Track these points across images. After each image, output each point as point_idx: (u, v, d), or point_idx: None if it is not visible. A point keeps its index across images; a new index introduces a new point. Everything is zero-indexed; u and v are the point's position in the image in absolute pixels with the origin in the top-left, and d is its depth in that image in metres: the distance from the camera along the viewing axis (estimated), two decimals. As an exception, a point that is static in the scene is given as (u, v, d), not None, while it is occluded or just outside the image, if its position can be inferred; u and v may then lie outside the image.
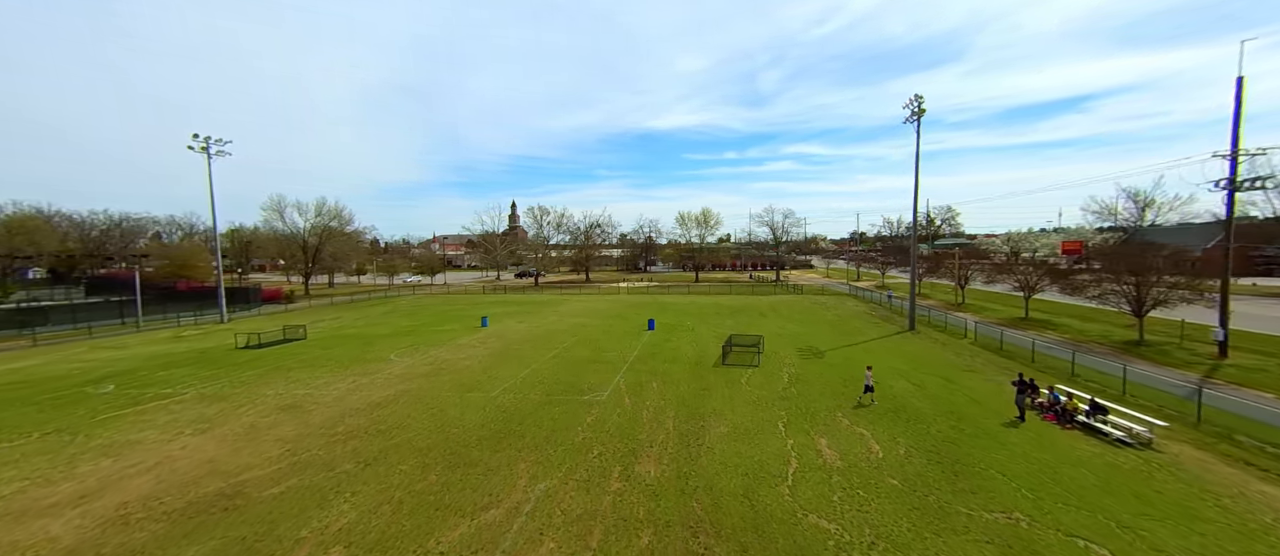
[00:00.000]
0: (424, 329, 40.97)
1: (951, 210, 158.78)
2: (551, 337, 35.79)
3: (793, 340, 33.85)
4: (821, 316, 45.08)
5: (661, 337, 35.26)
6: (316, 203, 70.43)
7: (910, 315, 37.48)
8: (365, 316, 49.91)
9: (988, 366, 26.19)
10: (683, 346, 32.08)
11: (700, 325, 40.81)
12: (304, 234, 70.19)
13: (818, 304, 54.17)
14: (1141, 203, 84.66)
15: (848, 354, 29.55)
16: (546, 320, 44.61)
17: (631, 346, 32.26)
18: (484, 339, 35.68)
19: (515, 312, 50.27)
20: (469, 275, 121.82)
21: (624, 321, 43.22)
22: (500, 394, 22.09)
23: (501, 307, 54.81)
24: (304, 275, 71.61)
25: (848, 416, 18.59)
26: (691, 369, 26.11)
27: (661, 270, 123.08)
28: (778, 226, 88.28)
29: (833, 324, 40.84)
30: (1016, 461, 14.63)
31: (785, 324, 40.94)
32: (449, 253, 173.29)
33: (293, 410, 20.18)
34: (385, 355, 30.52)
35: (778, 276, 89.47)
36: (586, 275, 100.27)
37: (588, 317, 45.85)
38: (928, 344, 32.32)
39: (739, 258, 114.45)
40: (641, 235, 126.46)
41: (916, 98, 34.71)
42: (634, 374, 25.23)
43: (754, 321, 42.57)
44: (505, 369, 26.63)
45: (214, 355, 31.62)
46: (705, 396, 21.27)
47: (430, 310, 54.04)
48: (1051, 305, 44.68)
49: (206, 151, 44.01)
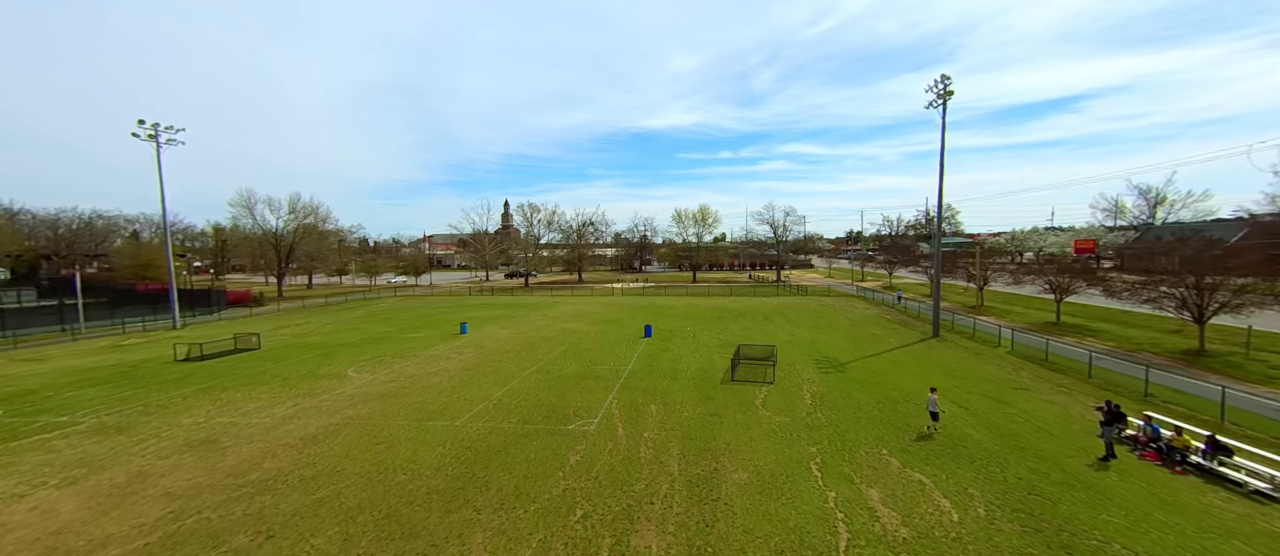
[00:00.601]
0: (395, 336, 36.96)
1: (951, 209, 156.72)
2: (536, 347, 31.93)
3: (806, 349, 30.22)
4: (833, 321, 41.51)
5: (660, 346, 31.52)
6: (290, 198, 66.21)
7: (934, 320, 33.97)
8: (336, 321, 45.79)
9: (1038, 382, 22.64)
10: (684, 357, 28.36)
11: (701, 331, 37.11)
12: (276, 232, 65.75)
13: (826, 306, 50.64)
14: (1153, 199, 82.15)
15: (871, 366, 25.93)
16: (533, 325, 40.73)
17: (626, 357, 28.50)
18: (460, 349, 31.76)
19: (500, 316, 46.34)
20: (458, 275, 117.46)
21: (618, 327, 39.43)
22: (467, 422, 18.23)
23: (486, 311, 50.86)
24: (277, 276, 67.12)
25: (896, 453, 14.93)
26: (696, 386, 22.38)
27: (657, 270, 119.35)
28: (778, 224, 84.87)
29: (846, 330, 37.27)
30: (1140, 529, 11.00)
31: (795, 330, 37.32)
32: (439, 252, 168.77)
33: (204, 448, 16.22)
34: (342, 370, 26.54)
35: (778, 276, 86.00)
36: (579, 275, 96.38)
37: (578, 322, 42.02)
38: (959, 354, 28.79)
39: (738, 257, 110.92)
40: (636, 234, 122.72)
41: (942, 79, 31.15)
42: (629, 393, 21.46)
43: (760, 327, 38.93)
44: (478, 388, 22.75)
45: (144, 369, 27.50)
46: (716, 424, 17.54)
47: (408, 314, 49.97)
48: (1079, 308, 41.36)
49: (155, 139, 39.72)
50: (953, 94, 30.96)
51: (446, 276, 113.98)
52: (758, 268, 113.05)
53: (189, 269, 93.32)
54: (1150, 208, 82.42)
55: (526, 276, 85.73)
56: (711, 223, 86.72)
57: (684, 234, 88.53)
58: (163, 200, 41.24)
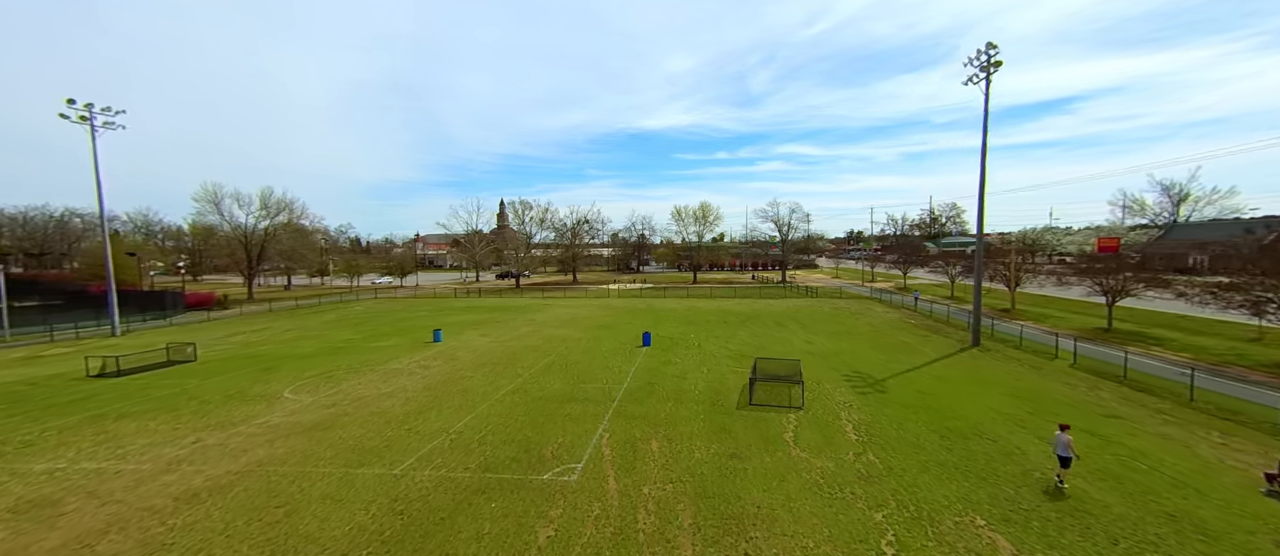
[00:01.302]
0: (358, 345, 32.46)
1: (956, 208, 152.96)
2: (517, 359, 27.51)
3: (831, 361, 25.91)
4: (852, 326, 37.21)
5: (661, 357, 27.15)
6: (261, 193, 61.41)
7: (975, 327, 29.69)
8: (299, 327, 41.22)
9: (1130, 407, 18.36)
10: (690, 372, 23.99)
11: (707, 339, 32.75)
12: (246, 229, 60.99)
13: (841, 309, 46.36)
14: (1176, 196, 78.33)
15: (915, 384, 21.62)
16: (517, 332, 36.28)
17: (621, 372, 24.11)
18: (428, 361, 27.30)
19: (482, 322, 41.87)
20: (448, 276, 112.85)
21: (612, 334, 35.02)
22: (410, 469, 13.82)
23: (467, 315, 46.38)
24: (246, 276, 62.37)
25: (997, 524, 10.61)
26: (707, 412, 18.03)
27: (655, 270, 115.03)
28: (783, 222, 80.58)
29: (871, 337, 32.97)
30: None
31: (813, 337, 33.00)
32: (431, 252, 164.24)
33: (31, 513, 11.77)
34: (278, 390, 22.04)
35: (783, 277, 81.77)
36: (573, 276, 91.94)
37: (569, 328, 37.60)
38: (1013, 368, 24.51)
39: (740, 257, 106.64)
40: (634, 233, 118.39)
41: (987, 48, 26.90)
42: (624, 422, 17.09)
43: (772, 333, 34.60)
44: (437, 415, 18.33)
45: (42, 389, 22.94)
46: (738, 473, 13.20)
47: (381, 319, 45.43)
48: (1125, 312, 37.19)
49: (89, 122, 35.11)
50: (1000, 64, 26.70)
51: (435, 277, 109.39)
52: (761, 268, 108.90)
53: (172, 269, 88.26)
54: (1173, 205, 78.63)
55: (517, 277, 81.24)
56: (712, 220, 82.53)
57: (684, 232, 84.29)
58: (98, 189, 36.60)
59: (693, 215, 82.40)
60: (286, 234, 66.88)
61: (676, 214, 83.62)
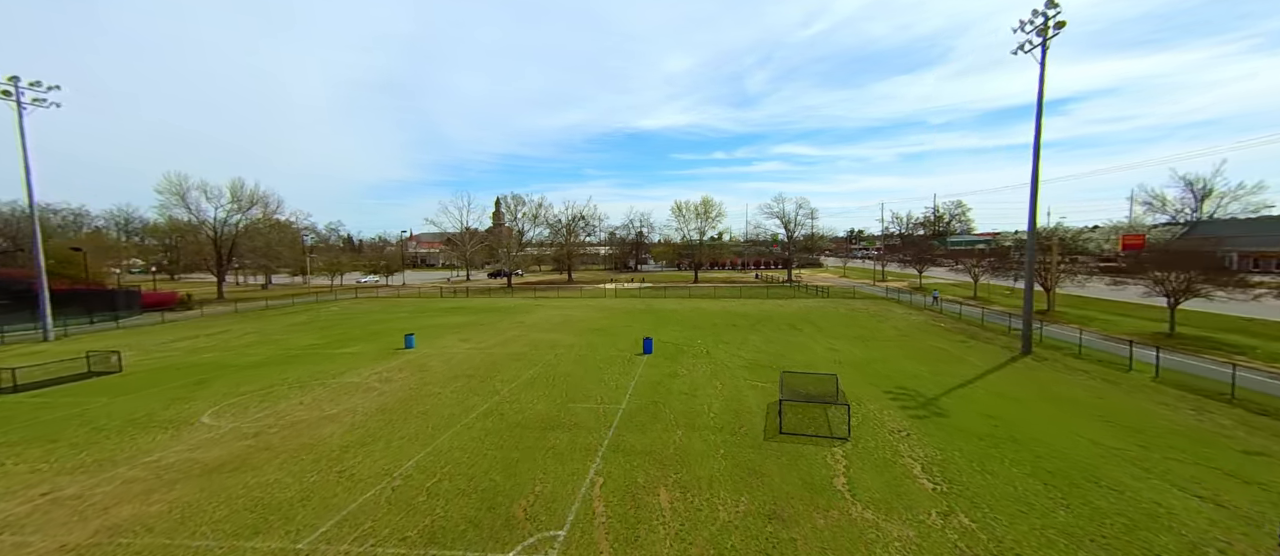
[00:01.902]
0: (317, 353, 28.40)
1: (962, 206, 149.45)
2: (497, 370, 23.53)
3: (865, 373, 22.04)
4: (876, 330, 33.37)
5: (665, 368, 23.21)
6: (231, 185, 56.93)
7: (1025, 333, 25.82)
8: (260, 331, 37.08)
9: (1262, 438, 14.52)
10: (701, 387, 20.07)
11: (716, 344, 28.84)
12: (214, 225, 56.63)
13: (858, 311, 42.55)
14: (1200, 192, 74.93)
15: (977, 404, 17.75)
16: (501, 337, 32.27)
17: (618, 387, 20.17)
18: (392, 372, 23.29)
19: (465, 324, 37.84)
20: (438, 274, 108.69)
21: (609, 340, 31.06)
22: (323, 541, 9.84)
23: (451, 316, 42.34)
24: (216, 275, 58.03)
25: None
26: (728, 445, 14.12)
27: (654, 268, 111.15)
28: (789, 218, 76.67)
29: (900, 343, 29.13)
30: None
31: (836, 343, 29.13)
32: (422, 251, 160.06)
33: None
34: (198, 412, 17.98)
35: (789, 276, 77.96)
36: (569, 275, 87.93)
37: (560, 332, 33.62)
38: (1083, 381, 20.68)
39: (742, 256, 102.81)
40: (632, 230, 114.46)
41: (1047, 5, 23.02)
42: (622, 461, 13.16)
43: (788, 338, 30.71)
44: (382, 450, 14.34)
45: (-89, 410, 18.81)
46: (783, 548, 9.29)
47: (354, 321, 41.34)
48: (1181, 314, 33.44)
49: (14, 98, 30.87)
50: (1064, 25, 22.85)
51: (426, 276, 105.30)
52: (765, 266, 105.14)
53: (149, 267, 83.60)
54: (1197, 201, 75.25)
55: (509, 276, 77.17)
56: (715, 216, 78.58)
57: (684, 229, 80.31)
58: (27, 175, 32.30)
59: (694, 211, 78.53)
60: (262, 229, 62.60)
61: (677, 209, 79.73)
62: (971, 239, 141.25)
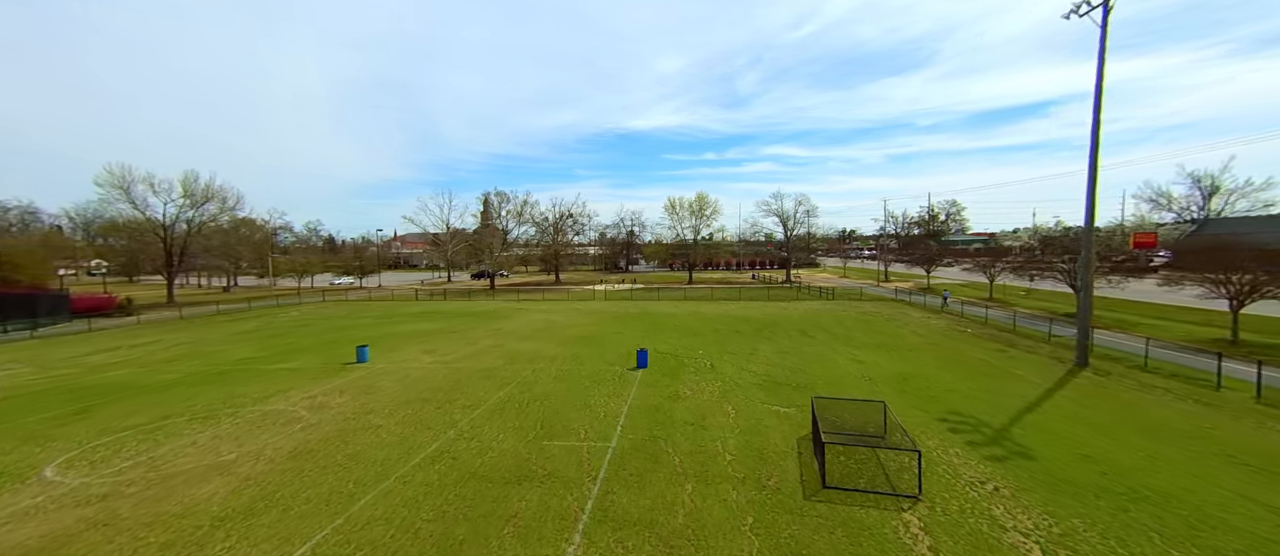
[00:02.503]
0: (249, 369, 23.97)
1: (956, 205, 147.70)
2: (460, 391, 19.39)
3: (903, 390, 18.29)
4: (898, 337, 29.74)
5: (664, 388, 19.24)
6: (183, 178, 51.62)
7: (1080, 344, 22.24)
8: (195, 341, 32.43)
9: None
10: (709, 413, 16.13)
11: (721, 355, 24.95)
12: (163, 222, 51.36)
13: (871, 315, 38.97)
14: (1208, 189, 72.94)
15: (1056, 435, 14.02)
16: (473, 347, 28.08)
17: (608, 415, 16.15)
18: (329, 395, 19.02)
19: (433, 332, 33.53)
20: (420, 275, 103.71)
21: (596, 350, 27.03)
22: None
23: (419, 323, 37.96)
24: (165, 276, 52.75)
25: None
26: (758, 510, 10.18)
27: (646, 269, 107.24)
28: (788, 216, 73.14)
29: (931, 352, 25.49)
30: None
31: (857, 352, 25.39)
32: (406, 251, 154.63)
33: None
34: (43, 461, 13.62)
35: (788, 276, 74.48)
36: (556, 275, 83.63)
37: (541, 341, 29.52)
38: (1169, 402, 17.09)
39: (738, 256, 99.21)
40: (623, 229, 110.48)
41: (1113, -42, 19.45)
42: (613, 537, 9.13)
43: (800, 346, 26.91)
44: (274, 521, 10.16)
45: None
46: None
47: (311, 328, 36.80)
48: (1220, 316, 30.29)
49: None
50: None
51: (406, 277, 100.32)
52: (762, 266, 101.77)
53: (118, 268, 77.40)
54: (1204, 198, 73.27)
55: (492, 277, 72.68)
56: (710, 214, 74.79)
57: (678, 227, 76.41)
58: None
59: (689, 208, 74.63)
60: (221, 228, 57.47)
61: (670, 206, 75.76)
62: (968, 238, 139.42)
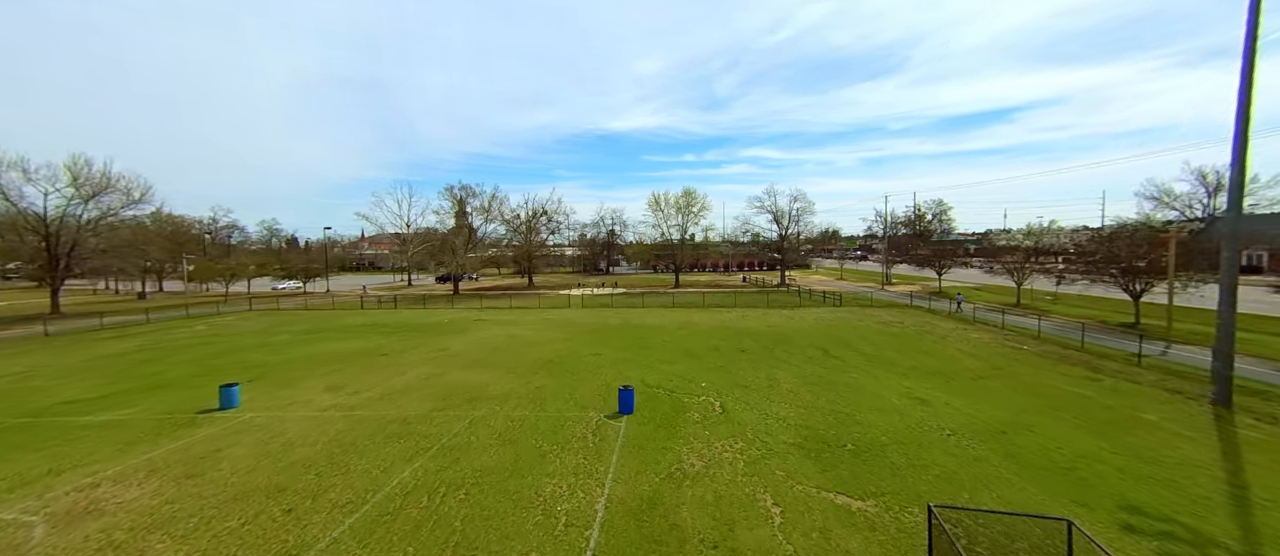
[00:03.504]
0: (63, 417, 16.37)
1: (943, 205, 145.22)
2: (339, 468, 12.40)
3: (1009, 451, 12.11)
4: (953, 362, 23.77)
5: (660, 457, 12.63)
6: (69, 164, 42.36)
7: (1222, 373, 16.40)
8: (31, 369, 24.35)
9: None
10: (740, 519, 9.58)
11: (730, 389, 18.47)
12: (44, 217, 42.22)
13: (895, 326, 33.12)
14: (1212, 186, 70.16)
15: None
16: (397, 382, 20.95)
17: (573, 522, 9.43)
18: (118, 484, 11.79)
19: (357, 356, 26.19)
20: (380, 278, 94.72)
21: (565, 383, 20.23)
22: None
23: (349, 340, 30.47)
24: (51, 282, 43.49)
25: None
26: None
27: (628, 271, 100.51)
28: (782, 213, 67.40)
29: (1006, 384, 19.53)
30: None
31: (911, 384, 19.21)
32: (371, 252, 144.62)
33: None
34: None
35: (783, 279, 68.78)
36: (529, 279, 76.22)
37: (492, 370, 22.56)
38: None
39: (727, 257, 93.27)
40: (603, 229, 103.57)
41: None
42: None
43: (830, 373, 20.63)
44: None
45: None
46: None
47: (206, 350, 28.93)
48: None
49: None
50: None
51: (363, 280, 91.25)
52: (753, 268, 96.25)
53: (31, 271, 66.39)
54: (1208, 195, 70.49)
55: (455, 281, 64.92)
56: (698, 211, 68.52)
57: (663, 225, 69.97)
58: None
59: (675, 205, 68.19)
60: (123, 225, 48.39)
61: (654, 203, 69.17)
62: (955, 238, 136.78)
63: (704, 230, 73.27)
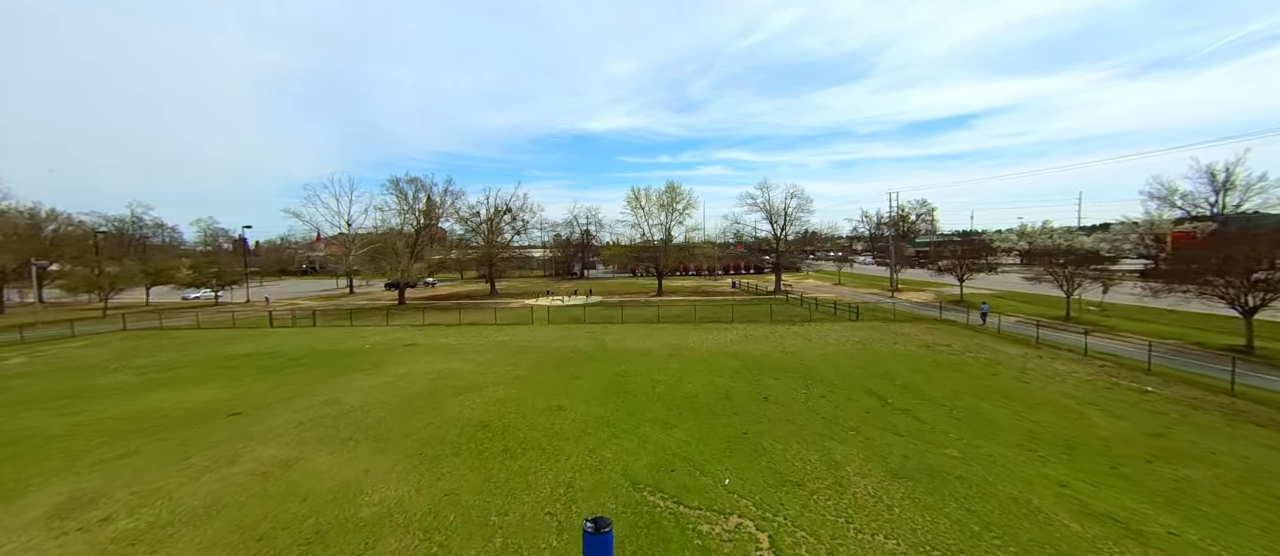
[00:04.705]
0: None
1: (927, 204, 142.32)
2: None
3: None
4: (1053, 408, 16.67)
5: None
6: None
7: None
8: None
9: None
10: None
11: (768, 491, 10.71)
12: None
13: (953, 355, 26.12)
14: (1220, 184, 66.88)
15: None
16: (217, 483, 12.44)
17: None
18: None
19: (204, 412, 17.42)
20: (317, 284, 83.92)
21: (498, 475, 12.12)
22: None
23: (208, 383, 21.52)
24: None
25: None
26: None
27: (604, 274, 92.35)
28: (776, 211, 60.37)
29: (1164, 456, 12.42)
30: None
31: (1043, 469, 11.85)
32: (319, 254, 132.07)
33: None
34: None
35: (778, 285, 61.84)
36: (491, 285, 67.28)
37: (384, 453, 14.25)
38: None
39: (715, 259, 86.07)
40: (577, 229, 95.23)
41: None
42: None
43: (923, 454, 13.14)
44: None
45: None
46: None
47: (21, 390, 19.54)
48: None
49: None
50: None
51: (303, 286, 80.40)
52: (742, 271, 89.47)
53: None
54: (1216, 193, 67.13)
55: (402, 289, 55.61)
56: (684, 208, 60.97)
57: (644, 225, 62.18)
58: None
59: (657, 202, 60.43)
60: None
61: (633, 199, 61.19)
62: (940, 238, 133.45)
63: (688, 230, 65.59)
